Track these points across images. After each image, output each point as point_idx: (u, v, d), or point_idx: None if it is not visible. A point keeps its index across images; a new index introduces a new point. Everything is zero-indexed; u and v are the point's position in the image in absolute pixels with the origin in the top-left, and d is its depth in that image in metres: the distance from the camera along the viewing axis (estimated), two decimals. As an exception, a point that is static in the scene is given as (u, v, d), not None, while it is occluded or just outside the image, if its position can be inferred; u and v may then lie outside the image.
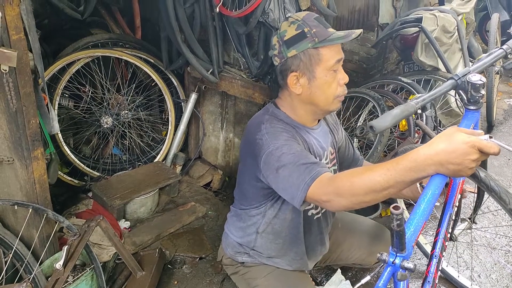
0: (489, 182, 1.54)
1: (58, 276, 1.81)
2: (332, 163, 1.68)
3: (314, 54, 1.43)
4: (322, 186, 1.26)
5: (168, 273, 2.33)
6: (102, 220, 1.99)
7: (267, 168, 1.40)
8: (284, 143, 1.39)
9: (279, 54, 1.48)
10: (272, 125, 1.45)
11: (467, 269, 2.33)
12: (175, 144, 3.21)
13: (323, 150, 1.61)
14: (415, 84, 3.02)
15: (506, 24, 4.83)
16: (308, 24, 1.44)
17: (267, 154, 1.39)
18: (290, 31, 1.45)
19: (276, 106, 1.57)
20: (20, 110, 1.70)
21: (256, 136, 1.45)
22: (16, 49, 1.60)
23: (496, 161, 3.38)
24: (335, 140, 1.72)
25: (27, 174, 1.81)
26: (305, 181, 1.29)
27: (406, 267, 1.13)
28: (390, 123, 1.21)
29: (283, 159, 1.35)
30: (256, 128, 1.47)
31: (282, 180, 1.36)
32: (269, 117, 1.51)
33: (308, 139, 1.55)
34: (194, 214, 2.76)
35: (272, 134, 1.42)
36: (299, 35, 1.43)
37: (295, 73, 1.46)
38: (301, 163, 1.32)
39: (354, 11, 3.59)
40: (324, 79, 1.45)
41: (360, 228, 1.93)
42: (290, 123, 1.52)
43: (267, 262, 1.70)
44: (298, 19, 1.46)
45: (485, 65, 1.56)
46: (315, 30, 1.43)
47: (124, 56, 2.93)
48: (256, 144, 1.44)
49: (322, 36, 1.42)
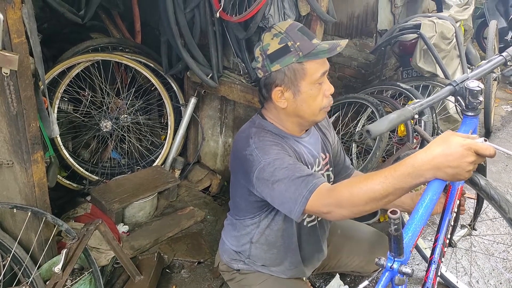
0: (489, 190, 1.54)
1: (57, 280, 1.80)
2: (325, 168, 1.66)
3: (299, 69, 1.40)
4: (321, 198, 1.26)
5: (166, 277, 2.32)
6: (101, 224, 1.99)
7: (261, 184, 1.38)
8: (275, 157, 1.36)
9: (263, 67, 1.44)
10: (261, 138, 1.42)
11: (466, 274, 2.33)
12: (174, 149, 3.21)
13: (314, 157, 1.58)
14: (413, 90, 3.03)
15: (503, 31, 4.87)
16: (292, 37, 1.40)
17: (259, 170, 1.36)
18: (273, 45, 1.41)
19: (263, 117, 1.54)
20: (21, 113, 1.70)
21: (245, 152, 1.41)
22: (18, 52, 1.60)
23: (493, 167, 3.39)
24: (329, 142, 1.69)
25: (27, 178, 1.81)
26: (302, 195, 1.28)
27: (404, 272, 1.13)
28: (386, 127, 1.22)
29: (277, 174, 1.33)
30: (244, 143, 1.44)
31: (278, 195, 1.34)
32: (256, 129, 1.47)
33: (298, 149, 1.52)
34: (192, 219, 2.76)
35: (262, 148, 1.38)
36: (283, 49, 1.39)
37: (280, 88, 1.43)
38: (296, 176, 1.31)
39: (353, 17, 3.61)
40: (310, 93, 1.42)
41: (360, 235, 1.92)
42: (278, 133, 1.49)
43: (262, 270, 1.70)
44: (281, 31, 1.42)
45: (484, 71, 1.57)
46: (299, 44, 1.39)
47: (124, 60, 2.94)
48: (247, 160, 1.40)
49: (307, 50, 1.39)
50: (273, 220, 1.58)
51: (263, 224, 1.60)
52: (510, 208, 1.54)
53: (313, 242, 1.70)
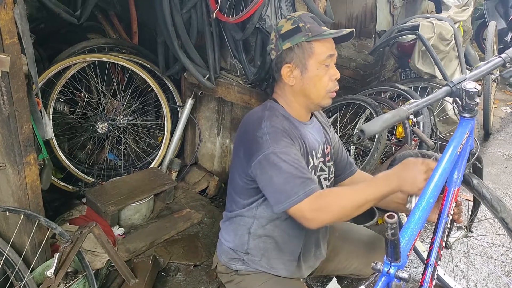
0: (481, 189, 1.53)
1: (49, 284, 1.78)
2: (327, 159, 1.71)
3: (307, 47, 1.52)
4: (311, 203, 1.38)
5: (162, 280, 2.30)
6: (95, 227, 1.97)
7: (261, 168, 1.45)
8: (284, 150, 1.44)
9: (276, 47, 1.57)
10: (273, 123, 1.49)
11: (464, 278, 2.31)
12: (171, 150, 3.19)
13: (318, 143, 1.66)
14: (412, 91, 3.02)
15: (503, 32, 4.85)
16: (304, 20, 1.54)
17: (265, 156, 1.43)
18: (287, 26, 1.55)
19: (275, 101, 1.63)
20: (13, 115, 1.68)
21: (257, 134, 1.48)
22: (9, 53, 1.58)
23: (493, 169, 3.38)
24: (329, 138, 1.77)
25: (19, 180, 1.79)
26: (298, 195, 1.38)
27: (400, 277, 1.12)
28: (380, 127, 1.21)
29: (281, 166, 1.41)
30: (256, 125, 1.50)
31: (274, 184, 1.43)
32: (269, 113, 1.55)
33: (303, 132, 1.60)
34: (189, 221, 2.73)
35: (273, 135, 1.46)
36: (294, 29, 1.53)
37: (289, 65, 1.54)
38: (298, 175, 1.40)
39: (351, 18, 3.59)
40: (316, 72, 1.53)
41: (359, 238, 1.91)
42: (287, 117, 1.58)
43: (261, 268, 1.68)
44: (295, 16, 1.58)
45: (482, 73, 1.56)
46: (309, 26, 1.53)
47: (120, 61, 2.92)
48: (256, 142, 1.47)
49: (316, 31, 1.52)
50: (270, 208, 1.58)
51: (260, 213, 1.61)
52: (502, 207, 1.54)
53: (311, 233, 1.70)
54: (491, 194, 1.56)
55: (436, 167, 1.46)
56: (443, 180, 1.43)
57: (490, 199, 1.55)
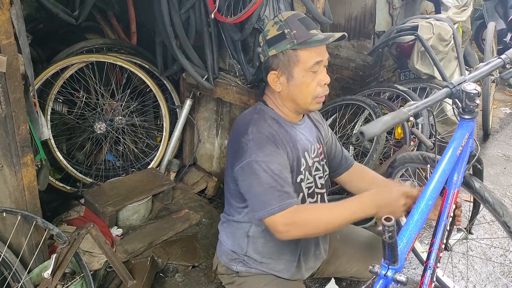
0: (484, 193, 1.52)
1: (46, 285, 1.77)
2: (321, 158, 1.70)
3: (292, 55, 1.47)
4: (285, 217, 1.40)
5: (160, 281, 2.29)
6: (93, 228, 1.96)
7: (242, 174, 1.46)
8: (266, 159, 1.43)
9: (263, 51, 1.54)
10: (259, 129, 1.48)
11: (463, 279, 2.30)
12: (169, 151, 3.18)
13: (310, 143, 1.64)
14: (411, 92, 3.01)
15: (502, 33, 4.85)
16: (289, 25, 1.47)
17: (247, 162, 1.43)
18: (272, 31, 1.50)
19: (264, 103, 1.61)
20: (10, 115, 1.67)
21: (242, 139, 1.47)
22: (6, 54, 1.57)
23: (492, 169, 3.37)
24: (321, 135, 1.74)
25: (16, 181, 1.78)
26: (272, 207, 1.40)
27: (398, 280, 1.11)
28: (380, 129, 1.20)
29: (261, 176, 1.41)
30: (243, 130, 1.50)
31: (252, 192, 1.45)
32: (258, 116, 1.53)
33: (294, 134, 1.58)
34: (187, 222, 2.73)
35: (258, 142, 1.44)
36: (279, 36, 1.47)
37: (275, 72, 1.51)
38: (276, 188, 1.41)
39: (350, 19, 3.59)
40: (302, 80, 1.48)
41: (359, 241, 1.89)
42: (277, 118, 1.56)
43: (262, 269, 1.67)
44: (281, 19, 1.50)
45: (482, 74, 1.55)
46: (295, 32, 1.46)
47: (119, 62, 2.91)
48: (240, 147, 1.47)
49: (301, 38, 1.46)
50: None
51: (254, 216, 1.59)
52: (505, 211, 1.53)
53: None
54: (494, 197, 1.55)
55: (436, 169, 1.45)
56: (442, 181, 1.43)
57: (493, 202, 1.54)
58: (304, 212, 1.42)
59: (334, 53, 3.64)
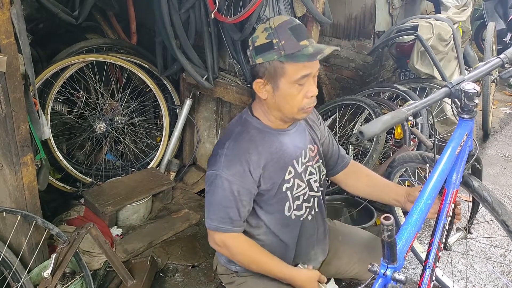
0: (482, 192, 1.53)
1: (46, 285, 1.77)
2: (315, 160, 1.66)
3: (279, 67, 1.41)
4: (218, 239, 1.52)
5: (159, 281, 2.30)
6: (92, 228, 1.96)
7: (207, 181, 1.51)
8: (231, 178, 1.45)
9: (250, 57, 1.48)
10: (237, 145, 1.48)
11: (462, 279, 2.30)
12: (169, 151, 3.18)
13: (300, 149, 1.61)
14: (410, 92, 3.01)
15: (502, 33, 4.85)
16: (278, 35, 1.40)
17: (213, 174, 1.47)
18: (261, 38, 1.43)
19: (251, 111, 1.58)
20: (10, 115, 1.68)
21: (218, 150, 1.49)
22: (6, 53, 1.58)
23: (491, 169, 3.37)
24: (317, 137, 1.70)
25: (16, 180, 1.79)
26: (211, 223, 1.50)
27: (397, 279, 1.11)
28: (379, 129, 1.20)
29: (218, 192, 1.46)
30: (222, 141, 1.51)
31: (207, 199, 1.52)
32: (240, 129, 1.52)
33: (281, 143, 1.55)
34: (187, 221, 2.73)
35: (229, 160, 1.46)
36: (267, 45, 1.41)
37: (261, 80, 1.46)
38: (225, 210, 1.47)
39: (350, 19, 3.58)
40: (288, 91, 1.43)
41: (362, 243, 1.86)
42: (262, 129, 1.53)
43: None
44: (271, 26, 1.43)
45: (481, 73, 1.55)
46: (284, 43, 1.39)
47: (119, 62, 2.91)
48: (213, 157, 1.50)
49: (289, 50, 1.39)
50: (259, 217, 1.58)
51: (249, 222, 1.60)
52: (503, 210, 1.53)
53: (306, 237, 1.68)
54: (492, 196, 1.55)
55: (435, 168, 1.45)
56: (441, 181, 1.43)
57: (491, 201, 1.54)
58: (238, 247, 1.52)
59: (334, 53, 3.65)
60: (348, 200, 2.81)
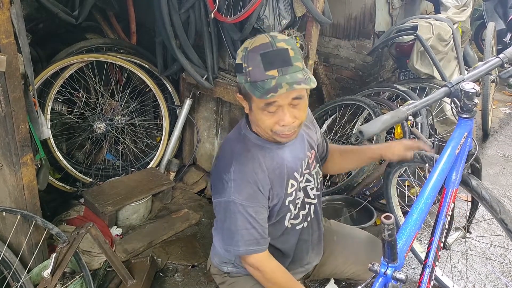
0: (481, 190, 1.53)
1: (46, 285, 1.77)
2: (313, 166, 1.65)
3: (248, 91, 1.36)
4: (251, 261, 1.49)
5: (159, 281, 2.30)
6: (92, 227, 1.96)
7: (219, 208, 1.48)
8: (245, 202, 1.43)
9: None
10: (242, 168, 1.43)
11: (462, 279, 2.31)
12: (169, 150, 3.18)
13: (300, 160, 1.58)
14: (410, 92, 3.01)
15: (502, 33, 4.85)
16: (248, 60, 1.33)
17: (226, 202, 1.44)
18: (238, 57, 1.38)
19: (248, 124, 1.53)
20: (9, 115, 1.67)
21: (224, 175, 1.44)
22: (6, 53, 1.58)
23: (491, 169, 3.37)
24: (313, 141, 1.68)
25: (16, 180, 1.79)
26: (239, 249, 1.47)
27: (397, 278, 1.11)
28: (379, 128, 1.20)
29: (237, 218, 1.43)
30: (226, 165, 1.45)
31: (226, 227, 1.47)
32: (240, 149, 1.47)
33: (280, 157, 1.52)
34: (187, 221, 2.73)
35: (238, 184, 1.42)
36: (239, 66, 1.37)
37: (240, 96, 1.44)
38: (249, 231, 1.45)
39: (350, 19, 3.59)
40: (258, 116, 1.39)
41: (357, 242, 1.85)
42: (261, 144, 1.49)
43: None
44: (248, 47, 1.35)
45: (480, 73, 1.55)
46: (251, 69, 1.32)
47: (118, 62, 2.91)
48: (221, 183, 1.44)
49: (253, 79, 1.32)
50: None
51: None
52: (501, 208, 1.54)
53: (301, 244, 1.68)
54: (491, 195, 1.55)
55: (434, 168, 1.45)
56: (441, 180, 1.43)
57: (490, 200, 1.54)
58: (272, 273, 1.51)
59: (334, 53, 3.65)
60: (348, 200, 2.81)
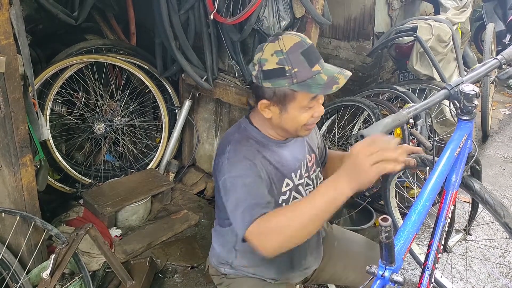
0: (484, 194, 1.52)
1: (45, 286, 1.78)
2: (312, 170, 1.64)
3: (289, 94, 1.34)
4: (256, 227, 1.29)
5: (159, 282, 2.30)
6: (91, 228, 1.96)
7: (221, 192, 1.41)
8: (240, 173, 1.37)
9: (256, 78, 1.39)
10: (236, 149, 1.41)
11: (461, 280, 2.30)
12: (168, 151, 3.18)
13: (299, 161, 1.57)
14: (409, 93, 3.01)
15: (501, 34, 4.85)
16: (291, 61, 1.32)
17: (222, 181, 1.39)
18: (271, 62, 1.34)
19: (250, 120, 1.52)
20: (9, 116, 1.67)
21: (220, 159, 1.43)
22: (5, 54, 1.58)
23: (490, 170, 3.37)
24: (314, 144, 1.68)
25: (15, 181, 1.79)
26: (245, 221, 1.30)
27: (395, 280, 1.11)
28: (380, 132, 1.20)
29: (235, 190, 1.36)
30: (222, 149, 1.44)
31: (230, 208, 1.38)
32: (238, 136, 1.46)
33: (279, 155, 1.51)
34: (186, 222, 2.73)
35: (232, 162, 1.39)
36: (278, 71, 1.32)
37: (267, 102, 1.39)
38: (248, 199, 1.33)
39: (350, 20, 3.59)
40: (296, 114, 1.39)
41: (357, 249, 1.82)
42: (261, 139, 1.48)
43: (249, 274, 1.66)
44: (283, 50, 1.33)
45: (479, 75, 1.55)
46: (296, 70, 1.31)
47: (118, 62, 2.91)
48: (218, 166, 1.43)
49: (302, 78, 1.32)
50: None
51: None
52: (505, 212, 1.53)
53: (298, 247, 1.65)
54: (494, 199, 1.54)
55: (434, 169, 1.45)
56: (440, 183, 1.43)
57: (493, 204, 1.54)
58: (271, 217, 1.29)
59: (333, 54, 3.65)
60: (348, 201, 2.80)
